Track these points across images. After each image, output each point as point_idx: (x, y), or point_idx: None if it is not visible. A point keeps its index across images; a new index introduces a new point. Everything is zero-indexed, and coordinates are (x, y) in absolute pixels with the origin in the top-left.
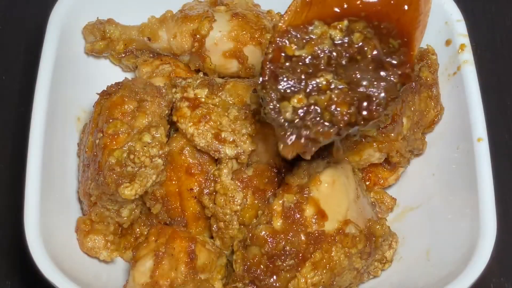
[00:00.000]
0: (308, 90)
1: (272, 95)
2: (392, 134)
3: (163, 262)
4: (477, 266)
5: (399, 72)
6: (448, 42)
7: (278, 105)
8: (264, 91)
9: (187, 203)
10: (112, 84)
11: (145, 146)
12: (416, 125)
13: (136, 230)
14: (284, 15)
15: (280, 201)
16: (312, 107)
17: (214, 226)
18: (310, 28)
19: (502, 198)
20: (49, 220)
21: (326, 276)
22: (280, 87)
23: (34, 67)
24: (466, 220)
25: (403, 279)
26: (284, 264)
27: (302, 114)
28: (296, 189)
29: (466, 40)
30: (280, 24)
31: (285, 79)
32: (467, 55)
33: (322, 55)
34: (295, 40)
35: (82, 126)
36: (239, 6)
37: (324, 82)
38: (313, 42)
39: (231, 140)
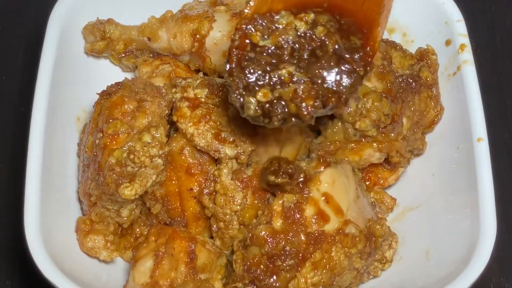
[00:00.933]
0: (272, 82)
1: (238, 83)
2: (392, 134)
3: (163, 262)
4: (477, 266)
5: (362, 63)
6: (448, 42)
7: (244, 93)
8: (231, 79)
9: (187, 203)
10: (112, 84)
11: (145, 146)
12: (416, 125)
13: (136, 230)
14: (250, 1)
15: (280, 201)
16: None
17: (214, 226)
18: (276, 17)
19: (502, 198)
20: (49, 220)
21: (326, 276)
22: (246, 79)
23: (34, 67)
24: (466, 220)
25: (403, 279)
26: (284, 264)
27: (266, 107)
28: (296, 189)
29: (466, 40)
30: (246, 11)
31: (251, 70)
32: (467, 55)
33: (285, 46)
34: (260, 28)
35: (82, 126)
36: (239, 6)
37: (287, 75)
38: (277, 33)
39: (231, 140)
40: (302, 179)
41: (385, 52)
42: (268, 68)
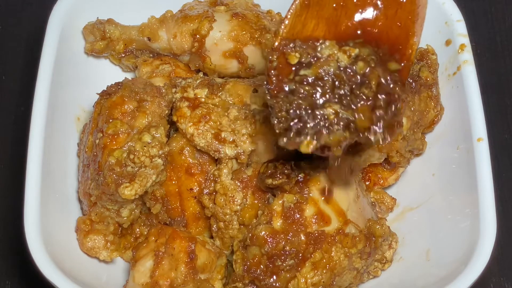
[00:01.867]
0: (316, 124)
1: (282, 107)
2: None
3: (163, 262)
4: (477, 266)
5: (403, 89)
6: (448, 42)
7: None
8: (274, 101)
9: (187, 203)
10: (112, 84)
11: (145, 146)
12: (416, 125)
13: (136, 230)
14: (284, 19)
15: (280, 201)
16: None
17: (214, 226)
18: (319, 46)
19: (502, 198)
20: (49, 220)
21: (326, 276)
22: (291, 123)
23: (34, 67)
24: (466, 220)
25: (403, 279)
26: (284, 264)
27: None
28: (296, 189)
29: (466, 40)
30: (281, 28)
31: (294, 108)
32: (467, 55)
33: (326, 78)
34: (299, 49)
35: (82, 126)
36: (239, 6)
37: (332, 113)
38: (319, 63)
39: (231, 140)
40: (302, 178)
41: None
42: (310, 103)
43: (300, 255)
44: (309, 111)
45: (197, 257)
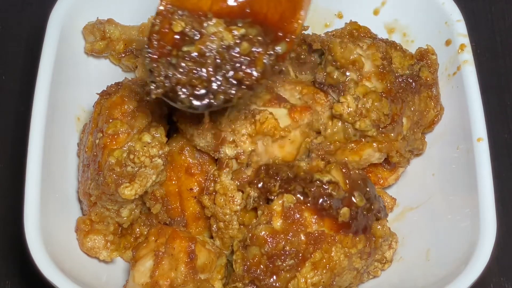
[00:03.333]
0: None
1: (161, 72)
2: (392, 134)
3: (163, 262)
4: (477, 266)
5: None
6: (448, 42)
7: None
8: (155, 65)
9: (187, 203)
10: (112, 84)
11: (145, 146)
12: (416, 125)
13: (136, 230)
14: None
15: (280, 201)
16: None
17: (214, 226)
18: (206, 23)
19: (502, 198)
20: (49, 220)
21: (326, 276)
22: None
23: (34, 67)
24: (466, 220)
25: (403, 279)
26: (284, 264)
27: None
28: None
29: (466, 40)
30: None
31: (170, 75)
32: (467, 55)
33: (209, 54)
34: (185, 19)
35: (82, 126)
36: None
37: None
38: (202, 40)
39: (231, 140)
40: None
41: (385, 52)
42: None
43: (300, 255)
44: (188, 85)
45: (197, 257)
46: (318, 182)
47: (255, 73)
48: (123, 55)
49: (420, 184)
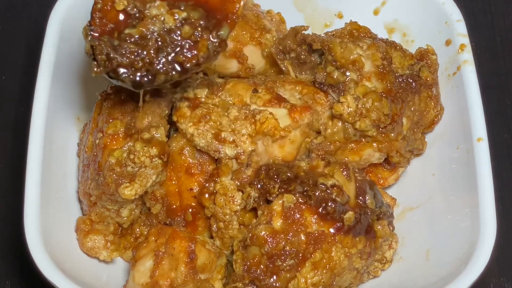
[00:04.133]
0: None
1: (104, 50)
2: (392, 134)
3: (163, 262)
4: (477, 266)
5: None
6: (448, 42)
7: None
8: (97, 43)
9: (187, 203)
10: (112, 84)
11: (145, 146)
12: (416, 125)
13: (136, 230)
14: None
15: (280, 201)
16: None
17: (214, 226)
18: (149, 4)
19: (502, 198)
20: (49, 220)
21: (326, 276)
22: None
23: (34, 67)
24: (466, 220)
25: (403, 279)
26: (284, 264)
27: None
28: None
29: (466, 40)
30: None
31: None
32: (467, 55)
33: (150, 37)
34: None
35: (82, 126)
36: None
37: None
38: (144, 23)
39: (231, 140)
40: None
41: (385, 52)
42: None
43: (300, 255)
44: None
45: (197, 257)
46: (322, 185)
47: (197, 57)
48: None
49: (420, 184)
